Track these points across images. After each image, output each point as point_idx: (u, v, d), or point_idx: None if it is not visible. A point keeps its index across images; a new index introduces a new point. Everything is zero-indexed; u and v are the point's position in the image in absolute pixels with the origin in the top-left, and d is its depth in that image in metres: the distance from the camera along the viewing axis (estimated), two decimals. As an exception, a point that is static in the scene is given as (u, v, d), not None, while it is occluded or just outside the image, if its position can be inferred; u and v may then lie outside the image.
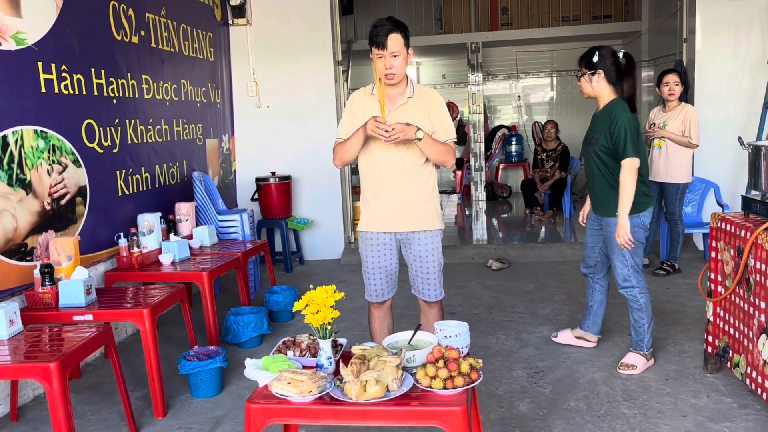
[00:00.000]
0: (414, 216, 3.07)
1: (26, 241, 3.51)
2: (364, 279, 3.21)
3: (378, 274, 3.15)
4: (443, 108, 3.08)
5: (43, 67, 3.67)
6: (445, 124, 3.05)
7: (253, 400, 2.14)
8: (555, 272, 5.71)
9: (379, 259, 3.14)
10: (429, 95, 3.07)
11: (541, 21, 9.86)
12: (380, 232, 3.11)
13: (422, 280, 3.15)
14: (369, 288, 3.21)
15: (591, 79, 3.51)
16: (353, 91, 3.18)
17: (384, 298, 3.21)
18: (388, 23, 2.91)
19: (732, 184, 5.87)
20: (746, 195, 3.22)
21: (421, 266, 3.12)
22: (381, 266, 3.14)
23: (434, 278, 3.15)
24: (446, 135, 3.04)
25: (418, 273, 3.15)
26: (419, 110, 3.01)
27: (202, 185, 5.30)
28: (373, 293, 3.20)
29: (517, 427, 2.97)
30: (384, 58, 2.89)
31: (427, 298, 3.18)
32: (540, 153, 8.68)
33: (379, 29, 2.90)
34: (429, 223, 3.09)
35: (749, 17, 5.92)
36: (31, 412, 3.36)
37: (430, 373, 2.11)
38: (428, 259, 3.11)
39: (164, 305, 3.45)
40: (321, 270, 6.24)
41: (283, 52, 6.39)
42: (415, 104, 3.02)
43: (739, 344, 3.09)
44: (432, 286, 3.15)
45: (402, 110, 3.00)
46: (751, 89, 5.94)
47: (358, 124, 2.97)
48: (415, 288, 3.21)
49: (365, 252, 3.17)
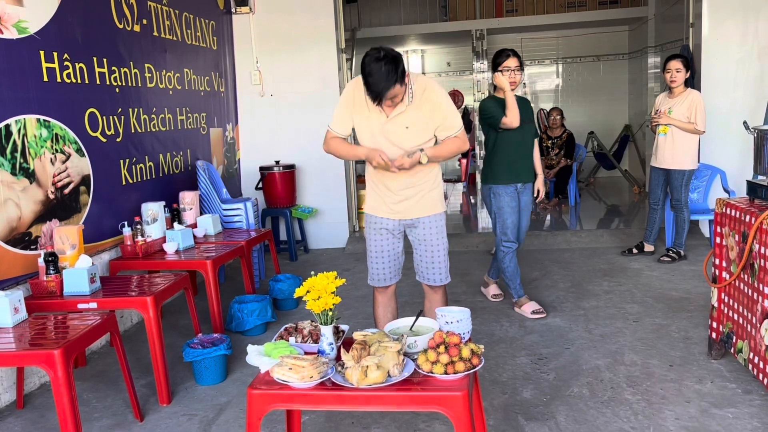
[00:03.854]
0: (418, 203, 3.08)
1: (30, 230, 3.53)
2: (368, 263, 3.22)
3: (381, 258, 3.15)
4: (444, 103, 2.97)
5: (45, 56, 3.67)
6: (449, 120, 2.97)
7: (254, 386, 2.14)
8: (560, 260, 5.70)
9: (383, 243, 3.14)
10: (427, 94, 2.92)
11: (546, 7, 9.78)
12: (386, 218, 3.11)
13: (427, 264, 3.15)
14: (372, 272, 3.20)
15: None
16: (352, 81, 3.02)
17: (387, 283, 3.20)
18: (383, 73, 2.68)
19: (739, 170, 5.82)
20: (751, 180, 3.19)
21: (426, 250, 3.13)
22: (384, 250, 3.15)
23: (440, 262, 3.14)
24: (451, 129, 2.99)
25: (423, 257, 3.15)
26: (419, 113, 2.92)
27: (206, 174, 5.31)
28: (375, 277, 3.20)
29: (520, 414, 2.97)
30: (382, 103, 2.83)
31: (432, 282, 3.18)
32: (545, 140, 8.64)
33: (373, 81, 2.71)
34: (433, 208, 3.10)
35: (757, 2, 5.84)
36: (37, 400, 3.38)
37: (431, 359, 2.11)
38: (433, 242, 3.12)
39: (168, 293, 3.46)
40: (325, 259, 6.25)
41: (287, 40, 6.37)
42: (414, 109, 2.92)
43: (743, 330, 3.08)
44: (437, 270, 3.15)
45: (401, 118, 2.92)
46: (758, 75, 5.88)
47: (356, 118, 2.98)
48: (420, 273, 3.21)
49: (370, 235, 3.17)
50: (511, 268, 4.31)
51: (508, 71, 4.09)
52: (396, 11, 10.12)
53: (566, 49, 10.71)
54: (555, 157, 8.49)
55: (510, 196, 4.19)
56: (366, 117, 2.97)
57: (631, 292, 4.67)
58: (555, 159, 8.48)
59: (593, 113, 10.66)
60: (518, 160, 4.20)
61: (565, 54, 10.78)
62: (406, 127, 2.93)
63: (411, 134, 2.94)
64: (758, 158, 3.13)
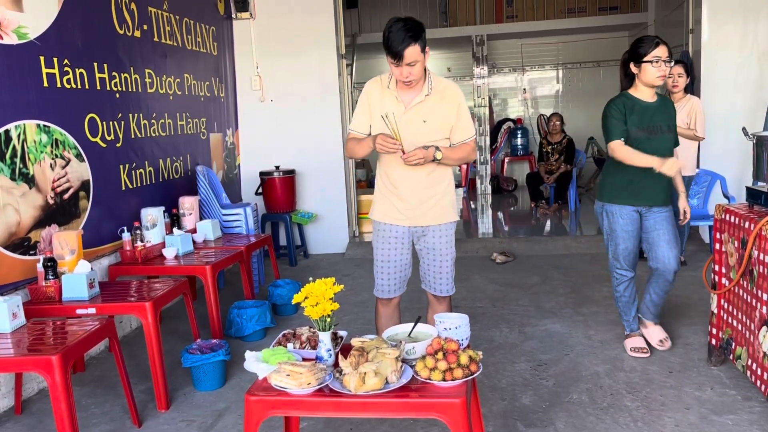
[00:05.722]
0: (431, 211, 3.02)
1: (30, 235, 3.53)
2: (375, 273, 3.14)
3: (387, 268, 3.08)
4: (463, 105, 2.97)
5: (45, 61, 3.68)
6: (463, 122, 2.97)
7: (252, 393, 2.13)
8: (560, 265, 5.69)
9: (390, 252, 3.06)
10: (447, 92, 2.93)
11: (546, 13, 9.80)
12: (395, 225, 3.04)
13: (434, 273, 3.09)
14: (378, 282, 3.13)
15: None
16: (368, 81, 3.02)
17: (391, 295, 3.12)
18: (402, 31, 2.71)
19: (739, 176, 5.82)
20: (751, 186, 3.19)
21: (434, 259, 3.07)
22: (391, 260, 3.07)
23: (447, 272, 3.09)
24: (465, 134, 2.98)
25: (431, 266, 3.09)
26: (437, 108, 2.91)
27: (206, 179, 5.31)
28: (381, 288, 3.12)
29: (519, 420, 2.96)
30: (401, 68, 2.77)
31: (438, 292, 3.12)
32: (545, 146, 8.64)
33: (393, 38, 2.72)
34: (444, 216, 3.05)
35: (756, 7, 5.86)
36: (35, 405, 3.37)
37: (429, 365, 2.10)
38: (442, 251, 3.06)
39: (167, 299, 3.45)
40: (325, 264, 6.25)
41: (287, 45, 6.38)
42: (432, 101, 2.91)
43: (742, 336, 3.07)
44: (444, 280, 3.10)
45: (419, 108, 2.90)
46: (758, 80, 5.89)
47: (375, 117, 2.92)
48: (426, 282, 3.15)
49: (378, 243, 3.09)
50: (625, 299, 3.69)
51: (658, 62, 3.28)
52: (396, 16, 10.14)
53: (566, 54, 10.73)
54: (555, 163, 8.49)
55: (625, 219, 3.50)
56: (383, 109, 2.91)
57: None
58: (555, 164, 8.48)
59: (593, 119, 10.57)
60: (642, 178, 3.39)
61: (565, 59, 10.80)
62: (424, 120, 2.89)
63: (428, 129, 2.91)
64: (757, 165, 3.13)
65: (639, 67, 3.35)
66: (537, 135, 10.23)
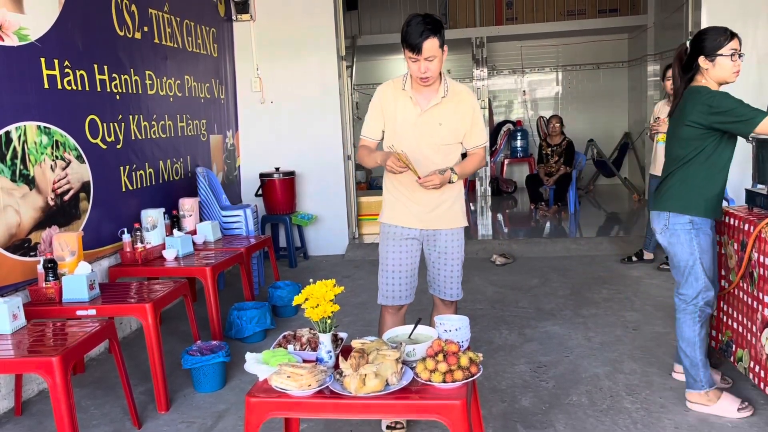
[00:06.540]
0: (443, 215, 2.98)
1: (30, 237, 3.53)
2: (380, 279, 3.02)
3: (399, 273, 2.98)
4: (477, 111, 2.95)
5: (45, 63, 3.68)
6: (477, 127, 2.95)
7: (252, 394, 2.14)
8: (559, 267, 5.70)
9: (401, 255, 2.98)
10: (461, 96, 2.91)
11: (546, 15, 9.81)
12: (408, 228, 2.98)
13: (444, 277, 3.03)
14: (384, 289, 3.00)
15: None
16: (380, 86, 2.98)
17: (400, 302, 3.01)
18: (421, 24, 2.67)
19: (739, 179, 5.79)
20: (750, 189, 3.20)
21: (445, 263, 3.01)
22: (403, 263, 2.99)
23: (457, 276, 3.05)
24: (478, 140, 2.96)
25: (441, 270, 3.03)
26: (453, 112, 2.89)
27: (206, 181, 5.31)
28: (389, 295, 2.99)
29: (519, 422, 2.96)
30: (419, 62, 2.72)
31: (448, 297, 3.06)
32: (545, 148, 8.65)
33: (412, 31, 2.68)
34: (456, 221, 3.01)
35: (756, 10, 5.87)
36: (35, 407, 3.37)
37: (430, 367, 2.11)
38: (452, 255, 3.01)
39: (167, 300, 3.46)
40: (325, 265, 6.25)
41: (287, 47, 6.39)
42: (448, 105, 2.88)
43: (743, 338, 3.07)
44: (454, 284, 3.05)
45: (436, 111, 2.87)
46: (757, 83, 5.90)
47: (390, 121, 2.90)
48: (435, 287, 3.08)
49: (386, 247, 3.00)
50: (700, 339, 2.98)
51: (734, 56, 2.92)
52: (396, 18, 10.13)
53: (566, 56, 10.74)
54: (554, 165, 8.50)
55: (711, 235, 2.96)
56: (398, 111, 2.89)
57: (630, 299, 4.67)
58: (554, 166, 8.49)
59: (593, 121, 10.68)
60: (724, 186, 2.97)
61: (564, 62, 10.81)
62: (440, 123, 2.87)
63: (443, 132, 2.88)
64: (757, 167, 3.13)
65: (713, 62, 2.91)
66: (536, 137, 10.24)
